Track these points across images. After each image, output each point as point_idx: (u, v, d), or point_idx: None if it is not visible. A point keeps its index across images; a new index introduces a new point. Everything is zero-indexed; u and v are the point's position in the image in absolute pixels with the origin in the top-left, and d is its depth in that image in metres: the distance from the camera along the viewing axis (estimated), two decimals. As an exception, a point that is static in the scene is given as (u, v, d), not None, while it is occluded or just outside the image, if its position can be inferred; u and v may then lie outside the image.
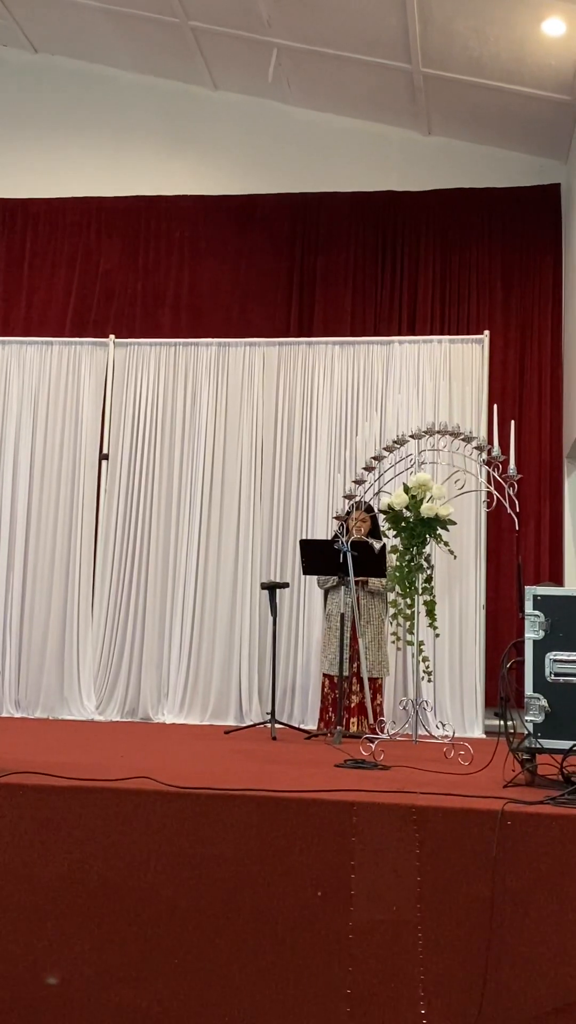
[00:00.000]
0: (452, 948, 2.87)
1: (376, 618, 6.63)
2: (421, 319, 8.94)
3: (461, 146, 9.19)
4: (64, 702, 7.67)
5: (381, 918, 2.91)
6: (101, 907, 3.05)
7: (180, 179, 9.44)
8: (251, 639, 7.66)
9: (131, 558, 7.88)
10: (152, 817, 3.11)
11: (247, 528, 7.80)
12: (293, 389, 7.96)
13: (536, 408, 8.74)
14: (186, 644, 7.71)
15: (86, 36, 9.17)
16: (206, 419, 7.98)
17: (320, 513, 7.69)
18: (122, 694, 7.69)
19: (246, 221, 9.32)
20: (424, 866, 2.94)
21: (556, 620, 3.80)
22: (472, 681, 7.38)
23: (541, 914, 2.86)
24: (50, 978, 2.95)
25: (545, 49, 7.74)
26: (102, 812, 3.13)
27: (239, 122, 9.47)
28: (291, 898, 2.97)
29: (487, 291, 8.97)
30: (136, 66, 9.48)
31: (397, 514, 5.67)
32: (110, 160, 9.53)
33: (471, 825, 2.96)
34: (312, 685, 7.51)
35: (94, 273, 9.40)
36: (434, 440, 5.65)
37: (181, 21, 8.60)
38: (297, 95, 9.21)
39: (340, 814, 3.04)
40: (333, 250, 9.17)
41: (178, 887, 3.03)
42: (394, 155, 9.28)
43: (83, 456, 8.07)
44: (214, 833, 3.06)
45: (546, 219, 9.01)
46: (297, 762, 4.59)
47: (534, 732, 3.73)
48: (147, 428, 8.04)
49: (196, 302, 9.27)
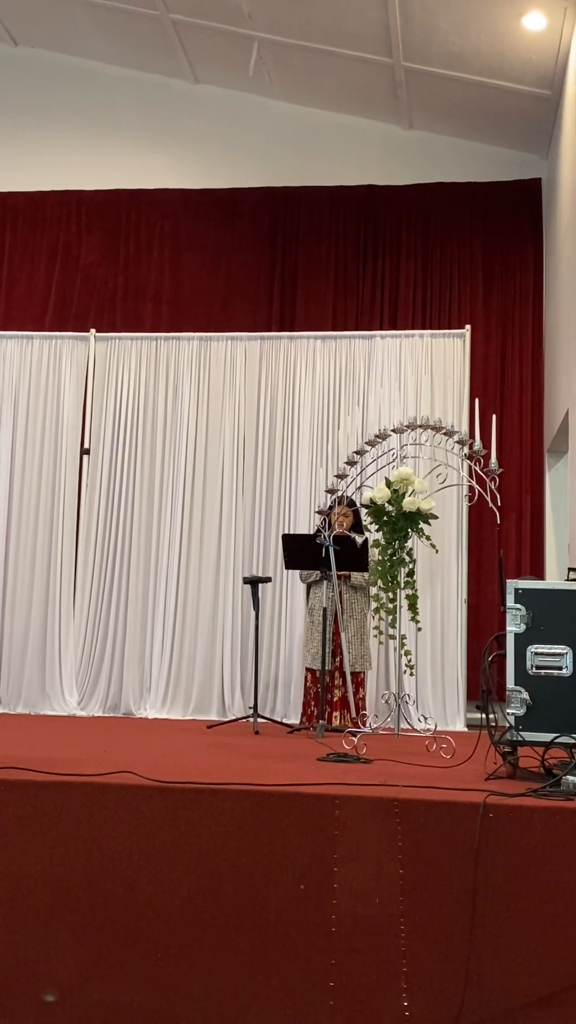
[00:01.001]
0: (434, 940, 2.88)
1: (359, 612, 6.64)
2: (403, 313, 8.96)
3: (442, 140, 9.20)
4: (46, 697, 7.65)
5: (364, 911, 2.92)
6: (83, 902, 3.04)
7: (161, 173, 9.42)
8: (233, 634, 7.65)
9: (113, 553, 7.86)
10: (134, 812, 3.10)
11: (229, 523, 7.79)
12: (275, 383, 7.95)
13: (517, 402, 8.77)
14: (168, 639, 7.70)
15: (67, 29, 9.13)
16: (188, 413, 7.96)
17: (302, 507, 7.69)
18: (104, 689, 7.68)
19: (227, 215, 9.31)
20: (406, 859, 2.95)
21: (537, 613, 3.82)
22: (454, 675, 7.40)
23: (523, 905, 2.87)
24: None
25: (526, 44, 7.76)
26: (84, 807, 3.13)
27: (220, 116, 9.45)
28: (274, 892, 2.98)
29: (468, 285, 9.00)
30: (117, 59, 9.44)
31: (379, 508, 5.68)
32: (91, 153, 9.49)
33: (453, 818, 2.97)
34: (294, 679, 7.51)
35: (75, 267, 9.37)
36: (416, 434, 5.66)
37: (162, 14, 8.57)
38: (278, 89, 9.20)
39: (323, 808, 3.04)
40: (315, 244, 9.17)
41: (160, 881, 3.02)
42: (375, 149, 9.28)
43: (64, 451, 8.03)
44: (196, 827, 3.06)
45: (527, 214, 9.04)
46: (279, 756, 4.60)
47: (515, 725, 3.74)
48: (128, 422, 8.01)
49: (177, 296, 9.25)
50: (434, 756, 4.54)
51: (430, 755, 4.61)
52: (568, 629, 3.77)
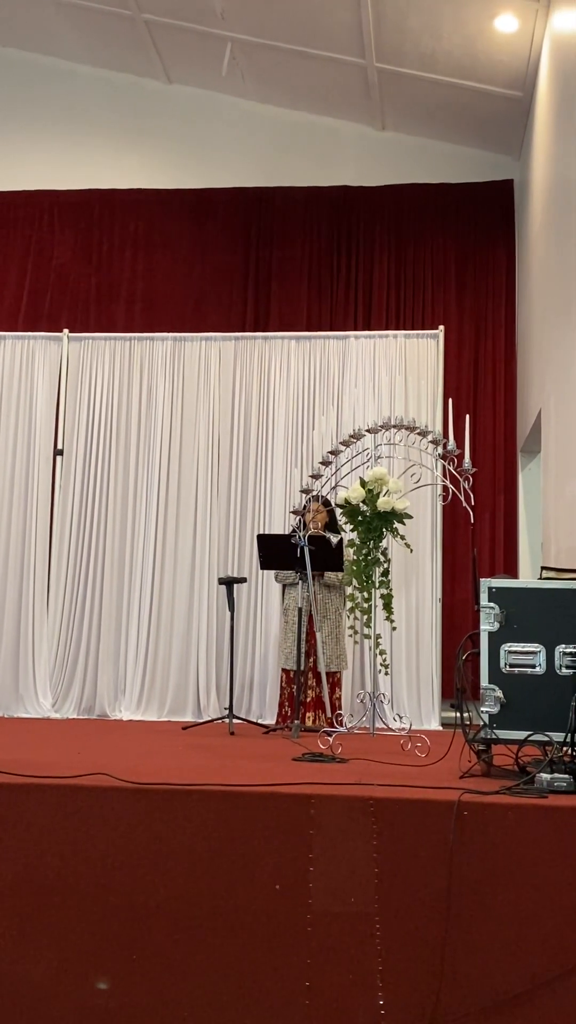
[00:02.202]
0: (410, 938, 2.88)
1: (333, 612, 6.64)
2: (376, 314, 8.98)
3: (415, 141, 9.24)
4: (19, 700, 7.60)
5: (339, 910, 2.92)
6: (58, 905, 3.02)
7: (134, 173, 9.40)
8: (208, 634, 7.63)
9: (86, 554, 7.82)
10: (109, 813, 3.09)
11: (204, 523, 7.77)
12: (249, 384, 7.95)
13: (490, 402, 8.81)
14: (143, 640, 7.67)
15: (38, 28, 9.09)
16: (162, 414, 7.94)
17: (277, 508, 7.69)
18: (78, 691, 7.64)
19: (201, 215, 9.30)
20: (381, 857, 2.95)
21: (511, 612, 3.84)
22: (428, 674, 7.42)
23: (497, 903, 2.88)
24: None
25: (498, 45, 7.80)
26: (59, 809, 3.11)
27: (193, 116, 9.44)
28: (249, 892, 2.97)
29: (441, 286, 9.03)
30: (89, 59, 9.40)
31: (354, 508, 5.69)
32: (63, 153, 9.46)
33: (428, 816, 2.98)
34: (270, 680, 7.51)
35: (47, 267, 9.33)
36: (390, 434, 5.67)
37: (134, 14, 8.55)
38: (251, 89, 9.20)
39: (298, 807, 3.04)
40: (288, 245, 9.18)
41: (135, 883, 3.01)
42: (348, 150, 9.30)
43: (37, 451, 7.99)
44: (172, 828, 3.05)
45: (499, 215, 9.09)
46: (255, 756, 4.59)
47: (489, 723, 3.76)
48: (102, 423, 7.98)
49: (151, 296, 9.23)
50: (409, 755, 4.55)
51: (405, 754, 4.62)
52: (541, 627, 3.79)
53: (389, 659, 6.11)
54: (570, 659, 3.72)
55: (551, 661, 3.75)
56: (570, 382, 6.09)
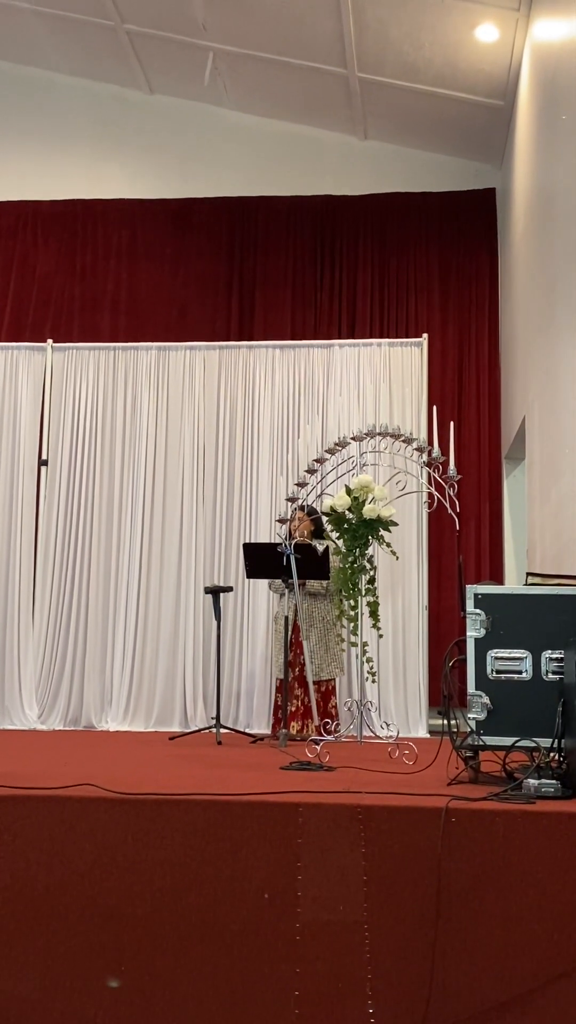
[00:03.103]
0: (399, 947, 2.87)
1: (319, 620, 6.62)
2: (360, 322, 9.01)
3: (397, 150, 9.28)
4: (5, 712, 7.56)
5: (328, 919, 2.91)
6: (45, 917, 3.00)
7: (116, 183, 9.41)
8: (195, 644, 7.61)
9: (72, 564, 7.80)
10: (96, 824, 3.07)
11: (190, 532, 7.76)
12: (234, 393, 7.94)
13: (475, 409, 8.84)
14: (129, 650, 7.65)
15: (19, 38, 9.09)
16: (147, 423, 7.93)
17: (263, 516, 7.68)
18: (64, 702, 7.61)
19: (184, 225, 9.31)
20: (370, 865, 2.94)
21: (497, 618, 3.84)
22: (416, 681, 7.42)
23: (486, 909, 2.88)
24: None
25: (479, 55, 7.85)
26: (45, 820, 3.09)
27: (175, 126, 9.46)
28: (238, 901, 2.96)
29: (425, 294, 9.07)
30: (71, 69, 9.41)
31: (340, 516, 5.69)
32: (45, 164, 9.46)
33: (416, 823, 2.97)
34: (257, 689, 7.49)
35: (31, 277, 9.32)
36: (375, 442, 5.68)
37: (116, 24, 8.56)
38: (233, 99, 9.22)
39: (286, 816, 3.03)
40: (272, 254, 9.20)
41: (123, 894, 3.00)
42: (331, 159, 9.34)
43: (21, 462, 7.96)
44: (159, 838, 3.03)
45: (482, 223, 9.14)
46: (242, 766, 4.58)
47: (477, 729, 3.76)
48: (87, 433, 7.96)
49: (135, 306, 9.23)
50: (397, 762, 4.55)
51: (393, 761, 4.61)
52: (527, 633, 3.79)
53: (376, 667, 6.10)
54: (556, 665, 3.72)
55: (537, 667, 3.75)
56: (554, 389, 6.11)
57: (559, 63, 6.05)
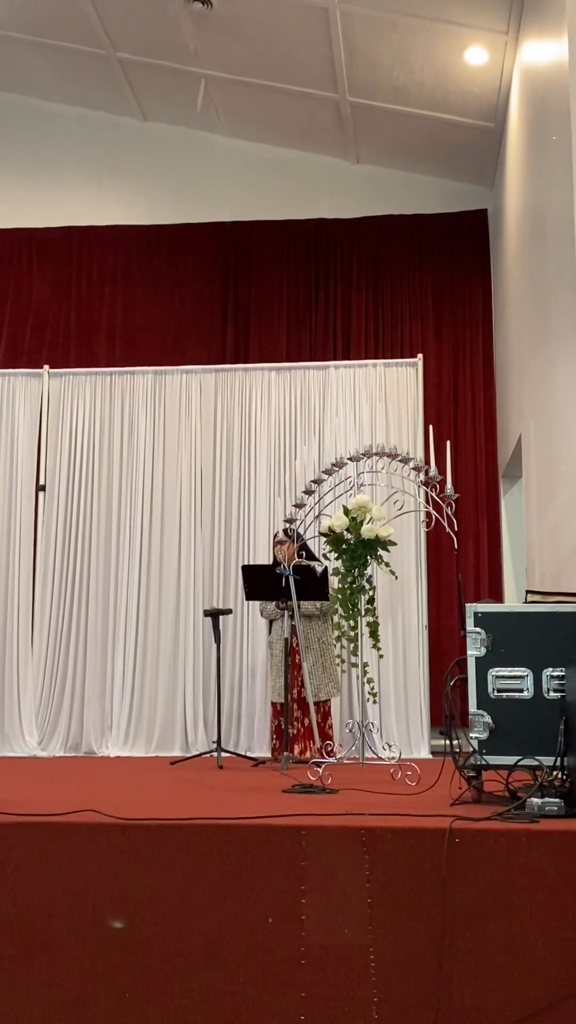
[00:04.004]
0: (405, 969, 2.85)
1: (315, 641, 6.59)
2: (355, 344, 9.04)
3: (389, 173, 9.34)
4: (5, 739, 7.53)
5: (333, 942, 2.89)
6: (49, 944, 2.98)
7: (111, 209, 9.46)
8: (195, 667, 7.59)
9: (71, 590, 7.78)
10: (99, 850, 3.05)
11: (188, 556, 7.75)
12: (231, 416, 7.96)
13: (471, 428, 8.87)
14: (129, 675, 7.62)
15: (12, 67, 9.17)
16: (144, 448, 7.94)
17: (261, 538, 7.68)
18: (64, 728, 7.57)
19: (179, 250, 9.37)
20: (374, 887, 2.93)
21: (497, 637, 3.83)
22: (417, 701, 7.39)
23: (492, 929, 2.86)
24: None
25: (468, 77, 7.91)
26: (47, 847, 3.07)
27: (169, 152, 9.53)
28: (242, 926, 2.94)
29: (419, 315, 9.11)
30: (64, 98, 9.49)
31: (338, 536, 5.69)
32: (40, 191, 9.52)
33: (420, 844, 2.96)
34: (258, 712, 7.47)
35: (26, 304, 9.36)
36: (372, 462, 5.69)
37: (108, 53, 8.64)
38: (226, 125, 9.29)
39: (289, 839, 3.02)
40: (266, 277, 9.25)
41: (126, 919, 2.98)
42: (323, 183, 9.40)
43: (19, 488, 7.96)
44: (162, 864, 3.01)
45: (474, 244, 9.19)
46: (244, 789, 4.56)
47: (479, 749, 3.74)
48: (84, 458, 7.97)
49: (131, 331, 9.27)
50: (399, 784, 4.53)
51: (395, 783, 4.59)
52: (528, 651, 3.79)
53: (377, 687, 6.09)
54: (557, 682, 3.72)
55: (538, 685, 3.74)
56: (549, 407, 6.13)
57: (548, 84, 6.11)
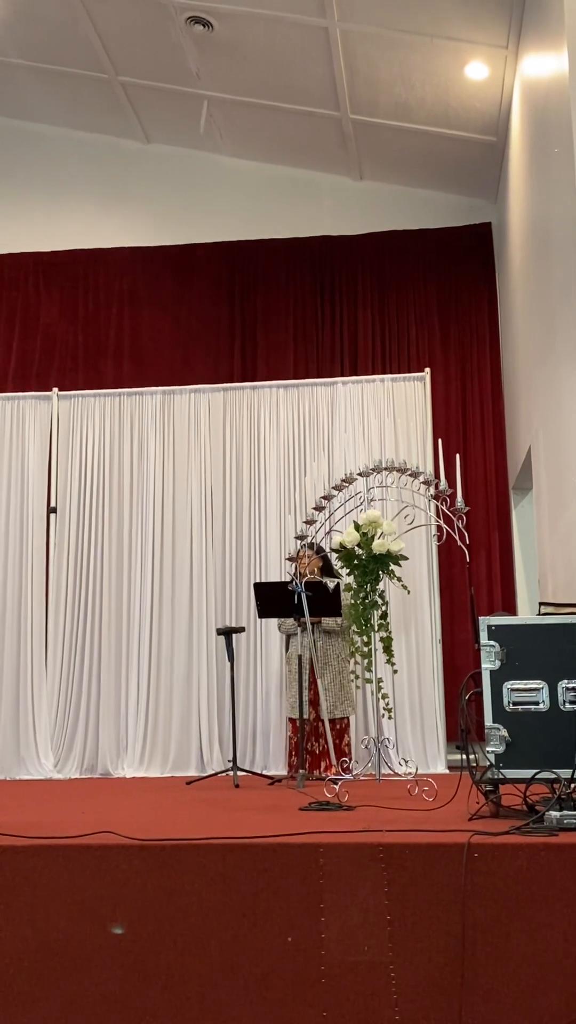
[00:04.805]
0: (426, 986, 2.83)
1: (334, 658, 6.60)
2: (363, 359, 9.06)
3: (392, 189, 9.38)
4: (21, 762, 7.52)
5: (353, 960, 2.87)
6: (67, 968, 2.97)
7: (117, 232, 9.52)
8: (209, 686, 7.58)
9: (83, 611, 7.79)
10: (115, 871, 3.04)
11: (200, 574, 7.76)
12: (240, 434, 7.98)
13: (480, 441, 8.86)
14: (143, 696, 7.62)
15: (17, 94, 9.25)
16: (154, 468, 7.96)
17: (272, 555, 7.68)
18: (80, 750, 7.57)
19: (185, 270, 9.41)
20: (393, 904, 2.91)
21: (512, 649, 3.81)
22: (432, 716, 7.37)
23: (513, 945, 2.83)
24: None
25: (469, 92, 7.95)
26: (64, 869, 3.06)
27: (173, 174, 9.59)
28: (261, 945, 2.92)
29: (425, 330, 9.13)
30: (69, 122, 9.56)
31: (349, 552, 5.69)
32: (46, 215, 9.59)
33: (438, 860, 2.94)
34: (273, 729, 7.45)
35: (34, 327, 9.41)
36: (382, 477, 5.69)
37: (111, 77, 8.71)
38: (229, 145, 9.35)
39: (307, 857, 3.00)
40: (272, 295, 9.28)
41: (145, 942, 2.96)
42: (327, 200, 9.44)
43: (31, 510, 7.99)
44: (179, 884, 3.00)
45: (479, 257, 9.21)
46: (261, 808, 4.54)
47: (496, 763, 3.72)
48: (95, 479, 8.00)
49: (138, 352, 9.31)
50: (417, 799, 4.51)
51: (412, 799, 4.57)
52: (543, 663, 3.77)
53: (392, 703, 6.06)
54: (573, 694, 3.70)
55: (554, 697, 3.72)
56: (557, 418, 6.12)
57: (548, 97, 6.13)
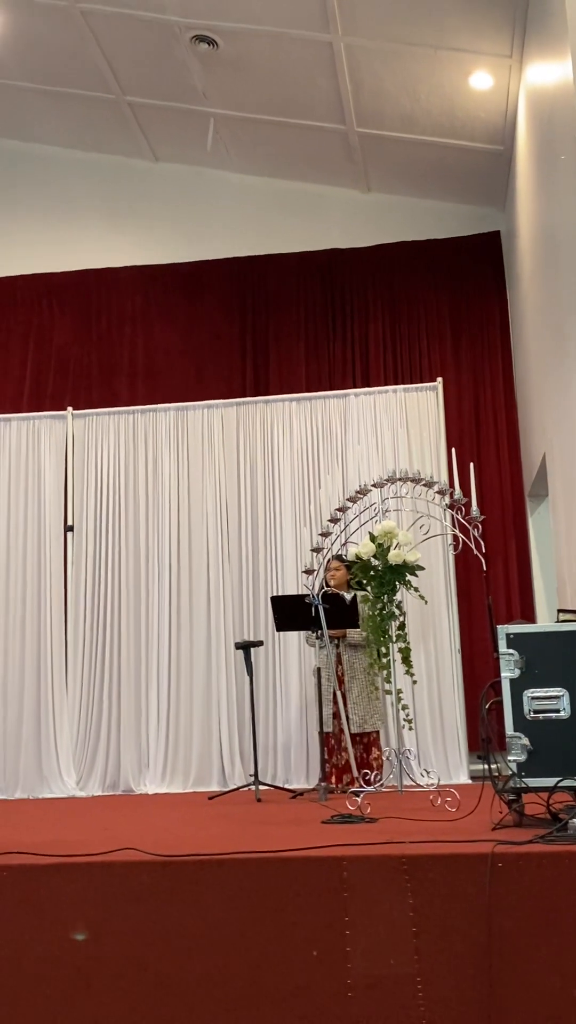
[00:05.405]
0: (453, 997, 2.81)
1: (360, 671, 6.56)
2: (374, 370, 9.07)
3: (400, 201, 9.40)
4: (44, 780, 7.53)
5: (379, 973, 2.86)
6: (91, 984, 2.96)
7: (127, 250, 9.58)
8: (229, 701, 7.58)
9: (102, 629, 7.81)
10: (139, 888, 3.04)
11: (217, 589, 7.77)
12: (253, 448, 7.99)
13: (494, 450, 8.84)
14: (163, 712, 7.62)
15: (25, 118, 9.33)
16: (169, 484, 7.98)
17: (289, 569, 7.68)
18: (102, 767, 7.57)
19: (195, 287, 9.45)
20: (418, 916, 2.89)
21: (531, 657, 3.80)
22: (454, 726, 7.33)
23: (540, 955, 2.81)
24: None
25: (475, 102, 7.97)
26: (88, 887, 3.06)
27: (182, 192, 9.64)
28: (286, 960, 2.91)
29: (437, 339, 9.13)
30: (77, 144, 9.63)
31: (366, 563, 5.68)
32: (57, 237, 9.65)
33: (462, 870, 2.92)
34: (294, 743, 7.43)
35: (48, 347, 9.47)
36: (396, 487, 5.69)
37: (118, 97, 8.77)
38: (237, 161, 9.39)
39: (330, 870, 2.99)
40: (283, 309, 9.30)
41: (169, 959, 2.96)
42: (336, 214, 9.47)
43: (48, 529, 8.02)
44: (203, 900, 3.00)
45: (489, 266, 9.21)
46: (283, 822, 4.53)
47: (518, 772, 3.71)
48: (111, 497, 8.03)
49: (151, 369, 9.34)
50: (439, 810, 4.49)
51: (435, 809, 4.55)
52: (563, 671, 3.75)
53: (413, 714, 6.04)
54: (594, 701, 3.68)
55: (575, 704, 3.70)
56: (571, 424, 6.11)
57: (554, 105, 6.14)
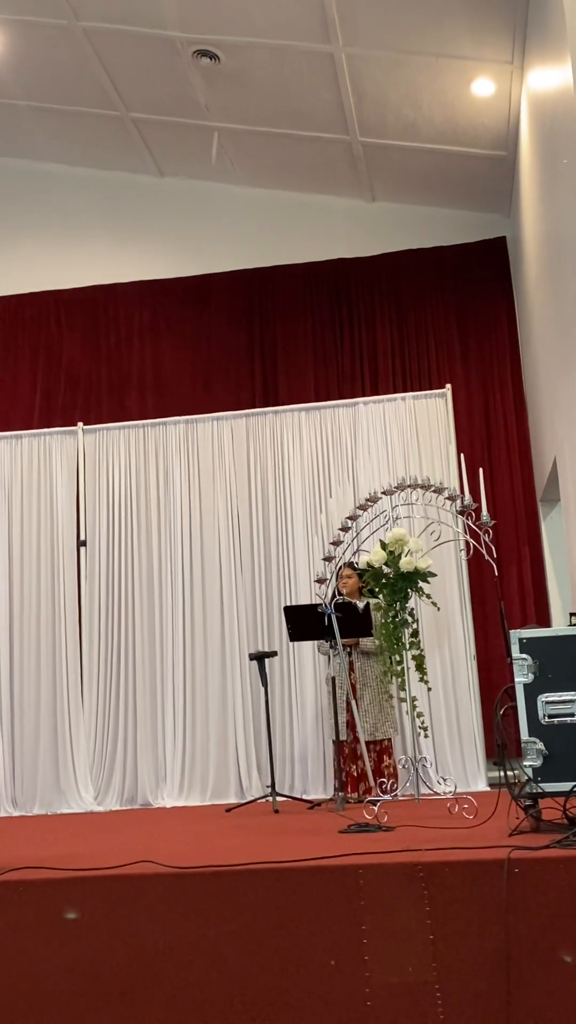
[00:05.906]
0: (472, 1004, 2.80)
1: (372, 679, 6.56)
2: (383, 379, 9.07)
3: (405, 209, 9.42)
4: (62, 796, 7.54)
5: (398, 981, 2.85)
6: (110, 998, 2.97)
7: (134, 265, 9.62)
8: (244, 712, 7.58)
9: (117, 642, 7.82)
10: (157, 901, 3.04)
11: (231, 600, 7.77)
12: (264, 458, 8.01)
13: (505, 455, 8.83)
14: (180, 725, 7.62)
15: (30, 136, 9.39)
16: (180, 496, 8.00)
17: (301, 578, 7.68)
18: (119, 782, 7.58)
19: (203, 300, 9.48)
20: (436, 923, 2.89)
21: (544, 662, 3.80)
22: (470, 733, 7.31)
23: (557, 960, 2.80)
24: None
25: (477, 109, 7.98)
26: (106, 900, 3.07)
27: (188, 206, 9.68)
28: (305, 970, 2.91)
29: (445, 346, 9.13)
30: (82, 161, 9.69)
31: (377, 571, 5.68)
32: (63, 253, 9.71)
33: (479, 876, 2.92)
34: (311, 753, 7.42)
35: (58, 364, 9.51)
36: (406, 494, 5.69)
37: (122, 114, 8.83)
38: (241, 174, 9.43)
39: (347, 879, 2.99)
40: (291, 320, 9.32)
41: (188, 969, 2.96)
42: (341, 224, 9.49)
43: (61, 545, 8.04)
44: (220, 911, 3.00)
45: (495, 272, 9.21)
46: (300, 832, 4.53)
47: (534, 777, 3.70)
48: (122, 511, 8.05)
49: (161, 383, 9.38)
50: (457, 818, 4.48)
51: (452, 817, 4.54)
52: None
53: (428, 721, 6.02)
54: (609, 704, 3.67)
55: (590, 707, 3.70)
56: (581, 427, 6.10)
57: (556, 110, 6.15)
